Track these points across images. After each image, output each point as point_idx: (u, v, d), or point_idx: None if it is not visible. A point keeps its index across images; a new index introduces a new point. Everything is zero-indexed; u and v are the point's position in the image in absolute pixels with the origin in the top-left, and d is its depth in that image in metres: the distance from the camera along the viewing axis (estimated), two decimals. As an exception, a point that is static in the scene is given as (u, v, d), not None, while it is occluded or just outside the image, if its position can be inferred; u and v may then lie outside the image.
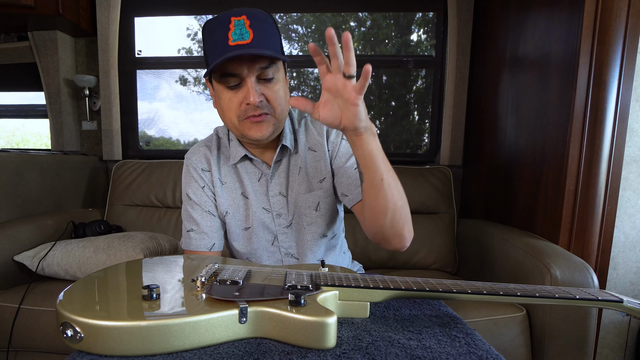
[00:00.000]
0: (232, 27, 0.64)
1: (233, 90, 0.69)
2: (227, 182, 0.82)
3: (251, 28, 0.64)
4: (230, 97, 0.70)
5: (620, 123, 1.07)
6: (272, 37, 0.68)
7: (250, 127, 0.71)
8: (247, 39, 0.64)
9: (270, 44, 0.67)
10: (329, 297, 0.52)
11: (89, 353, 0.44)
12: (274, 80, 0.70)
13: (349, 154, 0.81)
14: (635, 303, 0.50)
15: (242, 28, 0.64)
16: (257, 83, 0.68)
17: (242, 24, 0.64)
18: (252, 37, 0.64)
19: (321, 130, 0.82)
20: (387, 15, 1.84)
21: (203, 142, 0.86)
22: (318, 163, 0.82)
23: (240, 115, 0.70)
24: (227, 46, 0.64)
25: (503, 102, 1.48)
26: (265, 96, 0.70)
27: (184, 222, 0.84)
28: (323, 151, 0.81)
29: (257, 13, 0.67)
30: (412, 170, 1.64)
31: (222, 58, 0.63)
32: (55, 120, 1.86)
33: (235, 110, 0.70)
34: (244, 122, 0.71)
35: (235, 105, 0.70)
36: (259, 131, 0.71)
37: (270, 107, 0.71)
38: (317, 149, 0.82)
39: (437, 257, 1.55)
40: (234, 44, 0.64)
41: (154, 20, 1.90)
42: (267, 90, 0.70)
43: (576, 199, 1.10)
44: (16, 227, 1.31)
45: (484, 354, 0.45)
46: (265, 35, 0.66)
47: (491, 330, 1.01)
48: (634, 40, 1.03)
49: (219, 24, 0.65)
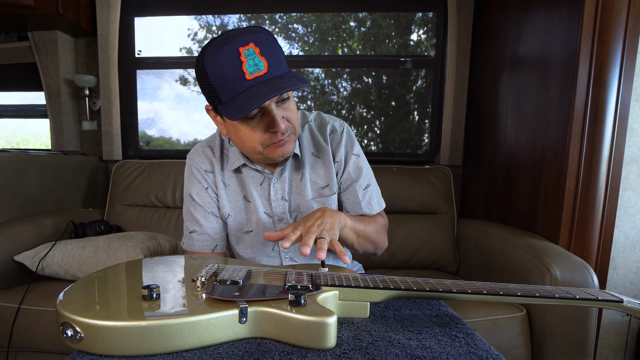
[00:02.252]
0: (243, 59, 0.60)
1: (254, 120, 0.67)
2: (230, 184, 0.82)
3: (263, 55, 0.61)
4: (252, 128, 0.67)
5: (620, 123, 1.07)
6: (281, 57, 0.65)
7: (276, 149, 0.70)
8: (263, 69, 0.61)
9: (281, 66, 0.64)
10: (329, 297, 0.52)
11: (89, 353, 0.44)
12: (289, 99, 0.69)
13: (358, 173, 0.82)
14: (635, 303, 0.50)
15: (255, 57, 0.61)
16: (277, 108, 0.67)
17: (253, 52, 0.61)
18: (267, 65, 0.61)
19: (325, 137, 0.82)
20: (387, 15, 1.84)
21: (205, 142, 0.85)
22: (322, 170, 0.81)
23: (264, 143, 0.69)
24: (245, 81, 0.61)
25: (503, 102, 1.48)
26: (286, 118, 0.69)
27: (185, 223, 0.84)
28: (327, 159, 0.81)
29: (261, 37, 0.63)
30: (412, 170, 1.64)
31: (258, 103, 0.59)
32: (55, 120, 1.86)
33: (260, 140, 0.68)
34: (269, 149, 0.70)
35: (259, 136, 0.68)
36: (284, 150, 0.70)
37: (292, 127, 0.70)
38: (321, 156, 0.81)
39: (437, 257, 1.55)
40: (252, 77, 0.61)
41: (154, 20, 1.90)
42: (286, 113, 0.68)
43: (576, 199, 1.10)
44: (16, 227, 1.31)
45: (484, 354, 0.45)
46: (277, 59, 0.64)
47: (491, 330, 1.01)
48: (634, 40, 1.03)
49: (228, 57, 0.61)
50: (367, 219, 0.81)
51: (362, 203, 0.82)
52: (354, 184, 0.81)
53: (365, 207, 0.82)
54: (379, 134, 1.92)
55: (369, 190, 0.83)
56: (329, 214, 0.67)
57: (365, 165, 0.84)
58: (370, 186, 0.84)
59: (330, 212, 0.67)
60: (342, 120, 0.85)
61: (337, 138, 0.82)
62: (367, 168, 0.85)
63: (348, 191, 0.82)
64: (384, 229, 0.86)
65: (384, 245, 0.85)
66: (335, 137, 0.82)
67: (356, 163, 0.82)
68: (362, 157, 0.84)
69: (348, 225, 0.72)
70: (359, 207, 0.82)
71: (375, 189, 0.85)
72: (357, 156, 0.82)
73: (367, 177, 0.83)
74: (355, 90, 1.91)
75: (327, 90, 1.91)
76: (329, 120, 0.83)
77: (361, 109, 1.91)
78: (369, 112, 1.91)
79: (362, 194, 0.82)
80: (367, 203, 0.83)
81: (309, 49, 1.91)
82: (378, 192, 0.86)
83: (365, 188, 0.82)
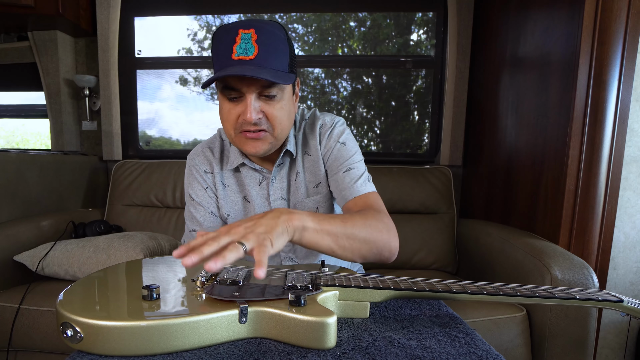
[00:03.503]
0: (238, 39, 0.62)
1: (233, 102, 0.68)
2: (229, 185, 0.82)
3: (257, 43, 0.62)
4: (230, 108, 0.68)
5: (620, 123, 1.06)
6: (279, 54, 0.64)
7: (246, 142, 0.70)
8: (251, 55, 0.62)
9: (275, 62, 0.64)
10: (329, 297, 0.52)
11: (89, 353, 0.44)
12: (276, 98, 0.67)
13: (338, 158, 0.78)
14: (635, 303, 0.50)
15: (248, 42, 0.62)
16: (258, 99, 0.66)
17: (249, 37, 0.62)
18: (256, 53, 0.62)
19: (315, 133, 0.81)
20: (387, 15, 1.84)
21: (205, 143, 0.85)
22: (313, 167, 0.81)
23: (236, 128, 0.69)
24: (230, 59, 0.62)
25: (503, 102, 1.48)
26: (265, 113, 0.68)
27: (186, 222, 0.84)
28: (317, 155, 0.80)
29: (268, 27, 0.63)
30: (412, 170, 1.64)
31: (220, 74, 0.61)
32: (55, 120, 1.86)
33: (233, 122, 0.69)
34: (240, 136, 0.70)
35: (233, 118, 0.68)
36: (253, 147, 0.70)
37: (269, 125, 0.69)
38: (311, 153, 0.81)
39: (437, 257, 1.55)
40: (237, 58, 0.62)
41: (154, 20, 1.90)
42: (267, 108, 0.67)
43: (576, 199, 1.10)
44: (16, 227, 1.31)
45: (484, 354, 0.45)
46: (271, 52, 0.63)
47: (491, 330, 1.01)
48: (634, 40, 1.03)
49: (227, 35, 0.63)
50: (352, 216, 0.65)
51: (341, 185, 0.76)
52: (336, 169, 0.78)
53: (345, 188, 0.75)
54: (379, 134, 1.92)
55: (350, 172, 0.77)
56: (274, 215, 0.54)
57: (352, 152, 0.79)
58: (354, 170, 0.78)
59: (277, 214, 0.55)
60: (335, 116, 0.83)
61: (325, 132, 0.80)
62: (355, 155, 0.79)
63: (332, 178, 0.79)
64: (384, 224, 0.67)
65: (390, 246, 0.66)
66: (324, 132, 0.80)
67: (339, 150, 0.79)
68: (348, 145, 0.79)
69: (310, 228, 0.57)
70: (339, 190, 0.77)
71: (359, 172, 0.78)
72: (342, 144, 0.79)
73: (350, 162, 0.78)
74: (355, 90, 1.91)
75: (327, 90, 1.91)
76: (320, 116, 0.82)
77: (361, 109, 1.91)
78: (369, 112, 1.91)
79: (342, 177, 0.77)
80: (348, 184, 0.76)
81: (309, 48, 1.91)
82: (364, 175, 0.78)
83: (347, 171, 0.77)
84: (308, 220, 0.57)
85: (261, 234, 0.49)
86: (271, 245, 0.49)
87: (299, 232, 0.56)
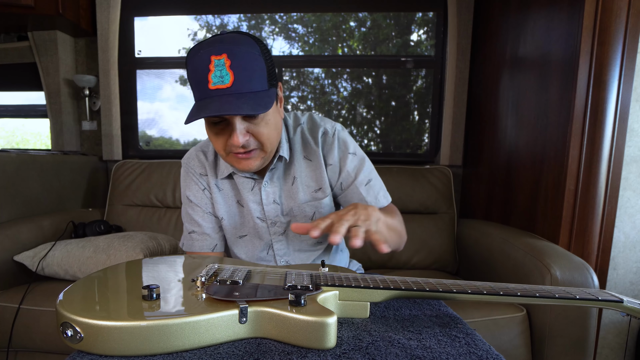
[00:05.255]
0: (212, 67, 0.60)
1: (218, 127, 0.66)
2: (223, 189, 0.82)
3: (232, 69, 0.60)
4: (216, 133, 0.67)
5: (620, 123, 1.07)
6: (256, 74, 0.62)
7: (238, 161, 0.69)
8: (227, 83, 0.60)
9: (253, 83, 0.62)
10: (329, 297, 0.52)
11: (89, 353, 0.44)
12: (260, 116, 0.66)
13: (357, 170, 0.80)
14: (635, 303, 0.50)
15: (222, 69, 0.59)
16: (243, 121, 0.65)
17: (222, 64, 0.60)
18: (232, 80, 0.60)
19: (317, 139, 0.80)
20: (387, 15, 1.84)
21: (199, 146, 0.85)
22: (314, 173, 0.80)
23: (226, 150, 0.68)
24: (207, 90, 0.60)
25: (503, 102, 1.48)
26: (252, 133, 0.66)
27: (185, 224, 0.84)
28: (319, 161, 0.80)
29: (240, 48, 0.61)
30: (412, 170, 1.64)
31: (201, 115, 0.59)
32: (55, 120, 1.86)
33: (222, 145, 0.68)
34: (231, 156, 0.69)
35: (222, 142, 0.67)
36: (246, 166, 0.70)
37: (258, 143, 0.68)
38: (312, 159, 0.80)
39: (437, 257, 1.55)
40: (214, 87, 0.60)
41: (154, 20, 1.90)
42: (253, 128, 0.66)
43: (576, 199, 1.10)
44: (16, 227, 1.31)
45: (484, 354, 0.45)
46: (248, 76, 0.61)
47: (491, 330, 1.01)
48: (634, 40, 1.03)
49: (201, 62, 0.60)
50: (389, 211, 0.79)
51: (367, 198, 0.80)
52: (355, 181, 0.80)
53: (371, 202, 0.80)
54: (379, 134, 1.92)
55: (371, 184, 0.81)
56: (363, 206, 0.63)
57: (365, 161, 0.82)
58: (372, 180, 0.82)
59: (363, 206, 0.64)
60: (334, 122, 0.83)
61: (329, 141, 0.80)
62: (368, 164, 0.82)
63: (350, 190, 0.81)
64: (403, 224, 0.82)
65: (405, 238, 0.81)
66: (327, 140, 0.80)
67: (353, 161, 0.80)
68: (359, 154, 0.82)
69: (382, 219, 0.67)
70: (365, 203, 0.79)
71: (379, 183, 0.83)
72: (353, 154, 0.81)
73: (367, 173, 0.81)
74: (355, 90, 1.91)
75: (327, 90, 1.91)
76: (320, 123, 0.82)
77: (361, 109, 1.91)
78: (369, 112, 1.91)
79: (366, 190, 0.80)
80: (374, 198, 0.81)
81: (309, 49, 1.91)
82: (382, 186, 0.84)
83: (367, 183, 0.81)
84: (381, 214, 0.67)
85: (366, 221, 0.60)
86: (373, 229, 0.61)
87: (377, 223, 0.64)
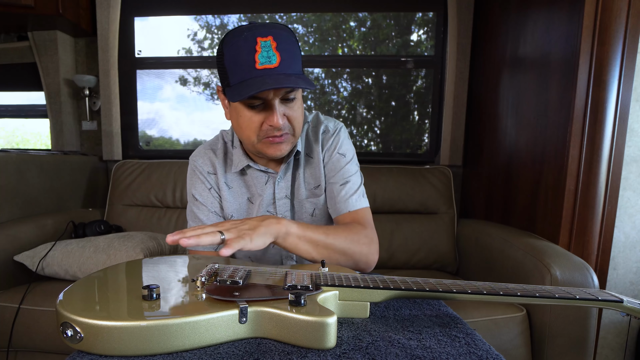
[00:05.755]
0: (258, 48, 0.62)
1: (255, 110, 0.68)
2: (233, 186, 0.83)
3: (278, 50, 0.63)
4: (252, 116, 0.69)
5: (620, 123, 1.07)
6: (296, 57, 0.67)
7: (270, 146, 0.71)
8: (275, 63, 0.63)
9: (295, 66, 0.66)
10: (329, 297, 0.52)
11: (89, 353, 0.44)
12: (295, 99, 0.70)
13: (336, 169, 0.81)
14: (635, 303, 0.50)
15: (269, 50, 0.63)
16: (280, 104, 0.68)
17: (269, 45, 0.63)
18: (279, 60, 0.63)
19: (317, 137, 0.82)
20: (387, 15, 1.84)
21: (208, 144, 0.86)
22: (313, 170, 0.82)
23: (260, 135, 0.70)
24: (254, 69, 0.63)
25: (503, 102, 1.48)
26: (287, 117, 0.70)
27: (189, 222, 0.85)
28: (318, 159, 0.82)
29: (283, 33, 0.65)
30: (412, 170, 1.64)
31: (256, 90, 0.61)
32: (55, 120, 1.86)
33: (256, 129, 0.70)
34: (264, 141, 0.71)
35: (256, 125, 0.69)
36: (278, 150, 0.72)
37: (291, 127, 0.71)
38: (313, 156, 0.82)
39: (437, 257, 1.55)
40: (262, 67, 0.63)
41: (154, 21, 1.90)
42: (289, 111, 0.70)
43: (576, 199, 1.10)
44: (16, 227, 1.31)
45: (484, 354, 0.45)
46: (291, 58, 0.65)
47: (491, 330, 1.01)
48: (634, 40, 1.03)
49: (245, 43, 0.63)
50: (337, 229, 0.72)
51: (337, 198, 0.79)
52: (332, 179, 0.81)
53: (340, 201, 0.79)
54: (379, 134, 1.92)
55: (346, 186, 0.80)
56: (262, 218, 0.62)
57: (350, 164, 0.82)
58: (349, 183, 0.80)
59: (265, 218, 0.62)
60: (338, 121, 0.85)
61: (328, 138, 0.82)
62: (351, 167, 0.82)
63: (327, 187, 0.82)
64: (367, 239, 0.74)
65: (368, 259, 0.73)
66: (326, 138, 0.82)
67: (338, 161, 0.81)
68: (347, 157, 0.82)
69: (293, 233, 0.64)
70: (334, 202, 0.80)
71: (355, 187, 0.81)
72: (342, 155, 0.82)
73: (347, 175, 0.81)
74: (355, 90, 1.91)
75: (327, 90, 1.91)
76: (323, 121, 0.84)
77: (361, 109, 1.91)
78: (369, 112, 1.91)
79: (338, 190, 0.80)
80: (343, 198, 0.79)
81: (309, 49, 1.91)
82: (360, 190, 0.82)
83: (343, 184, 0.80)
84: (293, 227, 0.64)
85: (243, 229, 0.57)
86: (250, 241, 0.56)
87: (282, 236, 0.63)
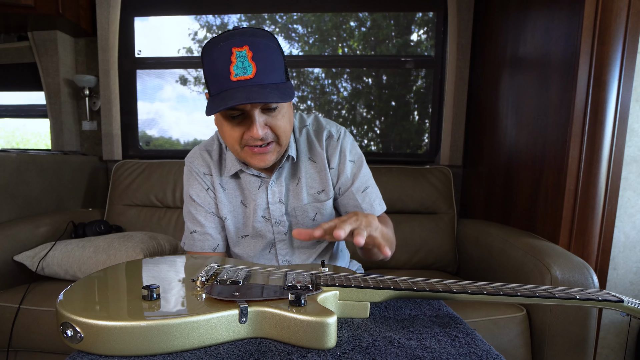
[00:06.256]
0: (233, 59, 0.60)
1: (235, 121, 0.67)
2: (228, 188, 0.82)
3: (254, 60, 0.61)
4: (232, 127, 0.67)
5: (620, 123, 1.06)
6: (275, 66, 0.64)
7: (253, 156, 0.70)
8: (250, 74, 0.61)
9: (274, 75, 0.63)
10: (329, 297, 0.52)
11: (89, 353, 0.44)
12: (278, 108, 0.67)
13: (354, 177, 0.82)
14: (635, 303, 0.50)
15: (245, 61, 0.61)
16: (261, 114, 0.66)
17: (244, 56, 0.60)
18: (254, 71, 0.61)
19: (321, 142, 0.81)
20: (387, 15, 1.84)
21: (203, 145, 0.85)
22: (318, 175, 0.81)
23: (242, 144, 0.69)
24: (229, 81, 0.61)
25: (503, 102, 1.48)
26: (270, 126, 0.68)
27: (186, 223, 0.84)
28: (323, 164, 0.81)
29: (260, 41, 0.62)
30: (412, 170, 1.64)
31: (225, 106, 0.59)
32: (55, 120, 1.86)
33: (237, 139, 0.68)
34: (246, 150, 0.70)
35: (238, 136, 0.68)
36: (262, 160, 0.70)
37: (275, 136, 0.69)
38: (317, 161, 0.81)
39: (437, 257, 1.55)
40: (236, 79, 0.61)
41: (155, 21, 1.90)
42: (272, 120, 0.67)
43: (576, 199, 1.10)
44: (16, 227, 1.31)
45: (484, 354, 0.45)
46: (269, 67, 0.63)
47: (491, 330, 1.01)
48: (634, 40, 1.03)
49: (221, 54, 0.61)
50: (383, 221, 0.79)
51: (362, 205, 0.82)
52: (351, 187, 0.82)
53: (366, 209, 0.82)
54: (379, 134, 1.92)
55: (367, 192, 0.83)
56: (364, 214, 0.63)
57: (363, 169, 0.83)
58: (369, 188, 0.83)
59: (364, 214, 0.64)
60: (339, 125, 0.85)
61: (333, 144, 0.81)
62: (365, 172, 0.84)
63: (346, 195, 0.82)
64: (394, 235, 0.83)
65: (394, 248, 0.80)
66: (332, 143, 0.81)
67: (352, 168, 0.82)
68: (358, 162, 0.83)
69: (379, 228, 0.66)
70: (360, 210, 0.82)
71: (375, 191, 0.85)
72: (352, 162, 0.82)
73: (364, 180, 0.83)
74: (355, 90, 1.91)
75: (327, 90, 1.91)
76: (325, 126, 0.83)
77: (361, 109, 1.91)
78: (369, 112, 1.91)
79: (362, 197, 0.82)
80: (369, 205, 0.82)
81: (309, 49, 1.91)
82: (378, 194, 0.85)
83: (364, 191, 0.82)
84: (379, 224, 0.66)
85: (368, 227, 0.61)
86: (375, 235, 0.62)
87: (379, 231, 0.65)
